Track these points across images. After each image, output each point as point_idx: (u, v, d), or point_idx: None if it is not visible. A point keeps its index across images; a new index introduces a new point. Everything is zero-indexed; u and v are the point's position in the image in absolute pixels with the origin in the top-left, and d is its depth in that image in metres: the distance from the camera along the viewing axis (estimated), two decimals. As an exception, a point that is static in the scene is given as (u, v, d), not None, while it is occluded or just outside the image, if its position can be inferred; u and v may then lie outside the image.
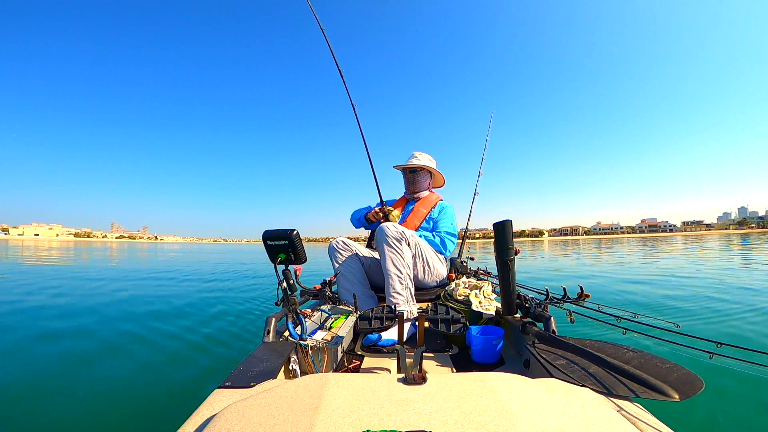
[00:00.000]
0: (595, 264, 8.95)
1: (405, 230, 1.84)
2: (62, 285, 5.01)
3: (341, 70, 2.33)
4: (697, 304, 3.53)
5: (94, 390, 1.68)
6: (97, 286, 4.91)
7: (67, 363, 2.00)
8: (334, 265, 2.01)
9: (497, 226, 1.33)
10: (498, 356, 1.35)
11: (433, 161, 2.46)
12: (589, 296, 1.40)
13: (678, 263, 8.00)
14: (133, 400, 1.59)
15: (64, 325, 2.75)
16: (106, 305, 3.58)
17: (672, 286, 4.68)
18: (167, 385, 1.75)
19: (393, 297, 1.75)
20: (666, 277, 5.56)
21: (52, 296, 4.08)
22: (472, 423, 0.53)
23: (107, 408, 1.53)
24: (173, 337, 2.55)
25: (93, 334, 2.54)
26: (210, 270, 7.52)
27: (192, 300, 3.98)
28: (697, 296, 3.88)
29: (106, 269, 7.95)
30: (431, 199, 2.37)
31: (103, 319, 2.99)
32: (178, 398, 1.59)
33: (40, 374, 1.83)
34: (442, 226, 2.22)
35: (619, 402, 0.73)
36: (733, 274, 5.75)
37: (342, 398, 0.61)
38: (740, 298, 3.65)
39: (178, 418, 0.70)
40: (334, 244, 2.04)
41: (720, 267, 7.06)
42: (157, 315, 3.22)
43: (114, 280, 5.86)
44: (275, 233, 1.19)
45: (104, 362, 2.04)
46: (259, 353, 1.02)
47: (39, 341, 2.35)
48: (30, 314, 3.14)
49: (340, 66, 2.32)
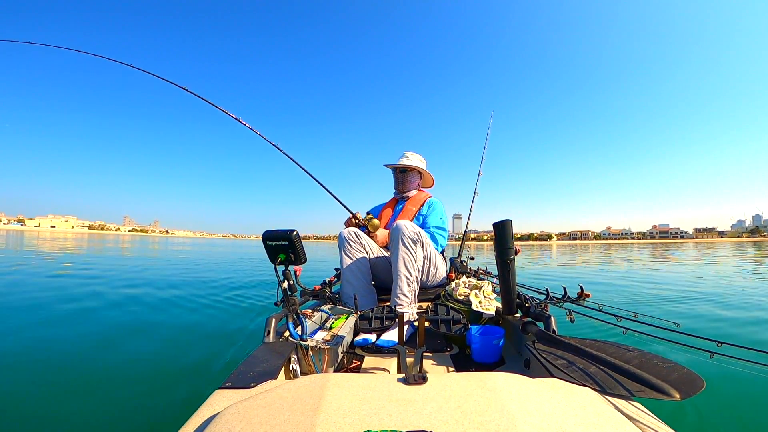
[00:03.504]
0: (587, 264, 8.96)
1: (421, 231, 1.84)
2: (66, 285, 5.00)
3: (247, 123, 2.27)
4: (697, 304, 3.53)
5: (94, 390, 1.68)
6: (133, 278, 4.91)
7: (67, 363, 2.00)
8: (341, 255, 1.99)
9: (497, 225, 1.33)
10: (498, 356, 1.35)
11: (424, 162, 2.47)
12: (590, 296, 1.40)
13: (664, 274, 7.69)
14: (133, 401, 1.59)
15: (62, 316, 2.76)
16: (105, 304, 3.58)
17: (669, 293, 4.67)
18: (167, 385, 1.75)
19: (398, 298, 1.74)
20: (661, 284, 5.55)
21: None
22: (472, 423, 0.53)
23: (107, 408, 1.53)
24: (173, 337, 2.55)
25: (93, 333, 2.54)
26: (219, 270, 7.51)
27: (192, 300, 3.98)
28: (697, 298, 3.88)
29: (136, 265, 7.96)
30: (420, 196, 2.39)
31: (102, 319, 2.99)
32: (179, 399, 1.59)
33: (40, 373, 1.83)
34: (431, 221, 2.23)
35: (620, 402, 0.73)
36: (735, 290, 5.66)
37: (342, 398, 0.61)
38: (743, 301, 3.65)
39: (179, 418, 0.70)
40: (345, 233, 2.02)
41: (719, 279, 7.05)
42: (157, 315, 3.22)
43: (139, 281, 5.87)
44: (275, 234, 1.19)
45: (104, 362, 2.04)
46: (260, 354, 1.03)
47: (37, 341, 2.35)
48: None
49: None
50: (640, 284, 5.30)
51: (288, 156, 2.25)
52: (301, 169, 2.26)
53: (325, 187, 2.25)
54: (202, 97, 2.24)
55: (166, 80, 2.30)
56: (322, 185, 2.25)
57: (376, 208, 2.53)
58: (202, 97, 2.24)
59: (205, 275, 6.41)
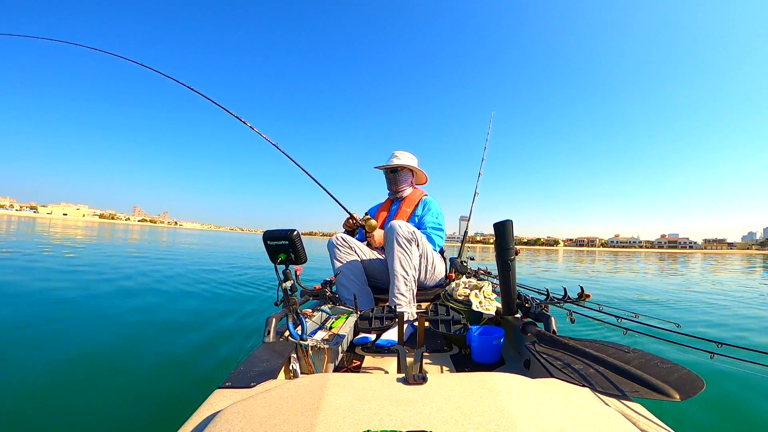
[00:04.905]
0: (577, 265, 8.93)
1: (416, 230, 1.84)
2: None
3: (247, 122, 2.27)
4: (697, 306, 3.53)
5: (94, 390, 1.68)
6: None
7: (66, 362, 2.00)
8: (332, 260, 2.01)
9: (497, 226, 1.33)
10: (498, 356, 1.35)
11: (415, 159, 2.46)
12: (590, 296, 1.40)
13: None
14: (133, 401, 1.59)
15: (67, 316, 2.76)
16: (105, 298, 3.58)
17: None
18: (167, 385, 1.75)
19: (396, 298, 1.75)
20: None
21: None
22: (472, 423, 0.53)
23: (107, 408, 1.53)
24: (173, 337, 2.55)
25: (93, 334, 2.54)
26: (221, 267, 7.50)
27: (192, 300, 3.98)
28: (698, 300, 3.88)
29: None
30: (415, 196, 2.38)
31: (102, 319, 2.99)
32: (179, 398, 1.59)
33: (40, 373, 1.83)
34: (428, 221, 2.22)
35: (620, 402, 0.73)
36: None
37: (342, 398, 0.61)
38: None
39: (179, 418, 0.70)
40: (333, 240, 2.04)
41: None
42: (157, 315, 3.23)
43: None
44: (275, 233, 1.19)
45: (103, 361, 2.04)
46: (260, 353, 1.03)
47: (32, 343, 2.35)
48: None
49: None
50: (641, 287, 5.30)
51: (288, 156, 2.25)
52: (300, 169, 2.25)
53: (323, 187, 2.25)
54: (207, 96, 2.25)
55: (174, 80, 2.31)
56: (320, 185, 2.24)
57: (371, 209, 2.54)
58: (206, 96, 2.25)
59: (206, 276, 6.41)
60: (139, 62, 2.43)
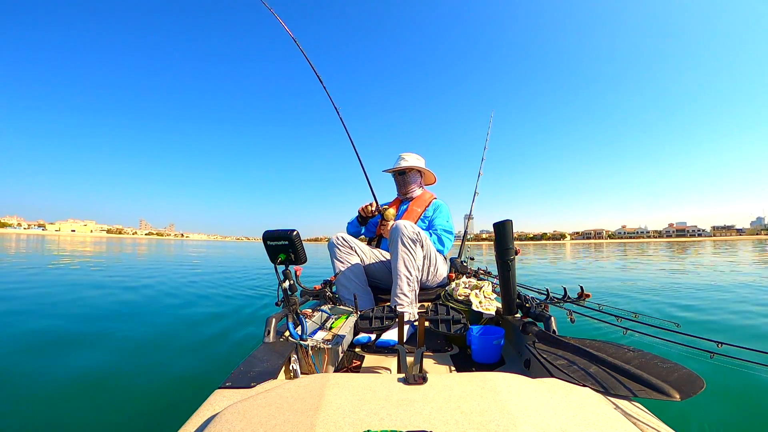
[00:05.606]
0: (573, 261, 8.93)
1: (421, 231, 1.84)
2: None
3: (320, 76, 2.55)
4: (698, 305, 3.53)
5: (93, 389, 1.68)
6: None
7: (65, 362, 2.00)
8: (333, 260, 2.00)
9: (497, 226, 1.33)
10: (498, 356, 1.35)
11: (422, 160, 2.46)
12: (590, 296, 1.40)
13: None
14: (133, 401, 1.59)
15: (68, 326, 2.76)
16: (105, 305, 3.58)
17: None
18: (167, 385, 1.75)
19: (399, 298, 1.74)
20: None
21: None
22: (472, 423, 0.53)
23: (107, 408, 1.53)
24: (173, 337, 2.55)
25: (92, 333, 2.54)
26: (224, 271, 7.49)
27: (192, 300, 3.98)
28: (698, 297, 3.88)
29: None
30: (425, 197, 2.37)
31: (101, 318, 2.99)
32: (179, 398, 1.59)
33: (41, 375, 1.83)
34: (438, 223, 2.21)
35: (620, 402, 0.73)
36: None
37: (342, 398, 0.61)
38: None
39: (179, 418, 0.70)
40: (334, 239, 2.03)
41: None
42: (156, 314, 3.23)
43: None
44: (275, 234, 1.19)
45: (103, 362, 2.04)
46: (260, 353, 1.03)
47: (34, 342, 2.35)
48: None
49: (318, 71, 2.54)
50: (641, 285, 5.30)
51: (344, 126, 2.55)
52: (350, 142, 2.54)
53: (363, 168, 2.51)
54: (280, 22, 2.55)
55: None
56: (362, 165, 2.51)
57: (381, 205, 2.52)
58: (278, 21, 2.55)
59: (208, 277, 6.41)
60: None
